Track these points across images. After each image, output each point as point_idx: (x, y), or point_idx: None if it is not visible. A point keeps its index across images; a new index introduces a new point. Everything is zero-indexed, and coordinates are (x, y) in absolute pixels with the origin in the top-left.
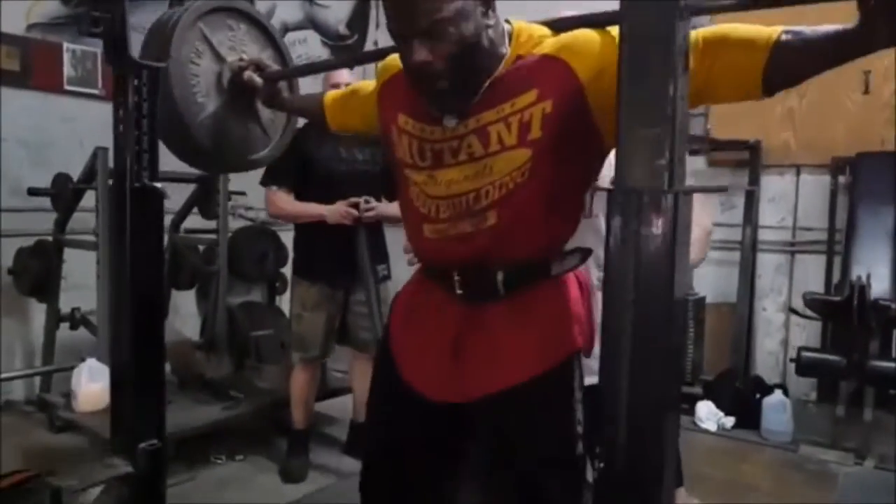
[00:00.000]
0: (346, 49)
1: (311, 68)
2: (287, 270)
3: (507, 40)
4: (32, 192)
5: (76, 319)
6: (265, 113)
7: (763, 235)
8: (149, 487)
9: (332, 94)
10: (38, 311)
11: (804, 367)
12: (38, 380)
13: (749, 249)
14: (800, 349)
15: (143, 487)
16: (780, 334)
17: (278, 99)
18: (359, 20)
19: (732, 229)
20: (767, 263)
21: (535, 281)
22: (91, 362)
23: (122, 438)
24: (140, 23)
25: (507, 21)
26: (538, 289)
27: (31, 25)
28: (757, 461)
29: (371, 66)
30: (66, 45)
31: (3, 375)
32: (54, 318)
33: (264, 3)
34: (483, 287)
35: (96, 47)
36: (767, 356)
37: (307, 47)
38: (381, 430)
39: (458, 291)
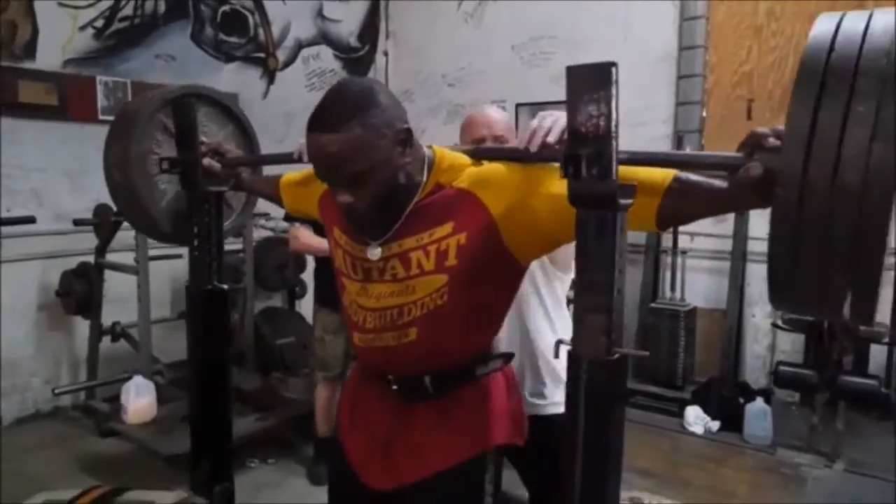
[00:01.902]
0: (358, 61)
1: (261, 159)
2: (305, 276)
3: (425, 167)
4: (77, 222)
5: (117, 333)
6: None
7: (753, 247)
8: None
9: (287, 179)
10: (81, 326)
11: (782, 380)
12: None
13: (739, 260)
14: (778, 364)
15: None
16: (768, 339)
17: (237, 182)
18: (369, 32)
19: (723, 240)
20: (758, 273)
21: (461, 383)
22: (137, 379)
23: (200, 480)
24: (164, 50)
25: (430, 147)
26: (464, 390)
27: (66, 61)
28: (737, 465)
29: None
30: (98, 77)
31: (59, 390)
32: (97, 333)
33: (279, 22)
34: (414, 388)
35: (126, 77)
36: (755, 360)
37: (321, 62)
38: None
39: (394, 387)
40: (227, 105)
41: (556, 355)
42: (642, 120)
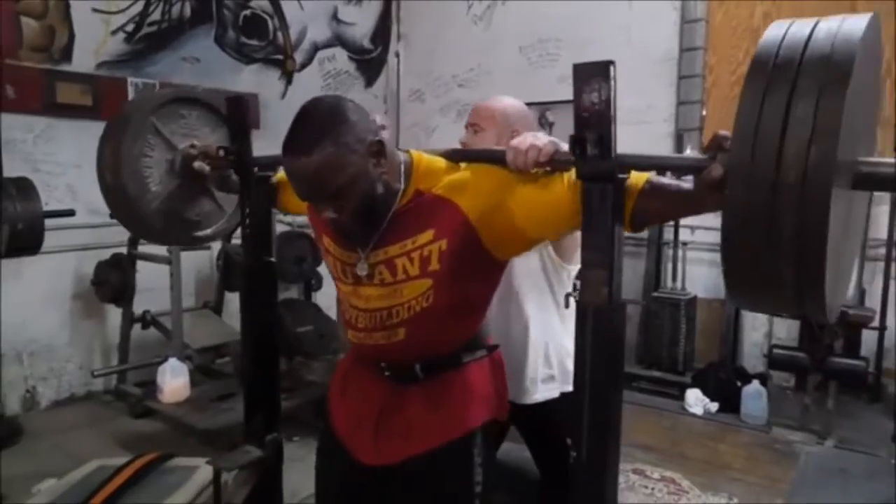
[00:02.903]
0: (371, 62)
1: (258, 162)
2: (322, 269)
3: (402, 174)
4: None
5: (147, 321)
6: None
7: None
8: (274, 468)
9: (280, 179)
10: (113, 314)
11: (776, 362)
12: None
13: None
14: (772, 346)
15: (270, 468)
16: (765, 328)
17: (228, 183)
18: (381, 34)
19: None
20: None
21: (449, 369)
22: (172, 362)
23: (253, 430)
24: (190, 53)
25: (407, 151)
26: (450, 375)
27: (100, 63)
28: (734, 441)
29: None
30: (129, 79)
31: (98, 372)
32: (129, 321)
33: (296, 26)
34: (405, 373)
35: (154, 79)
36: (753, 347)
37: (336, 63)
38: (322, 480)
39: (386, 373)
40: (218, 108)
41: (567, 305)
42: (645, 119)
